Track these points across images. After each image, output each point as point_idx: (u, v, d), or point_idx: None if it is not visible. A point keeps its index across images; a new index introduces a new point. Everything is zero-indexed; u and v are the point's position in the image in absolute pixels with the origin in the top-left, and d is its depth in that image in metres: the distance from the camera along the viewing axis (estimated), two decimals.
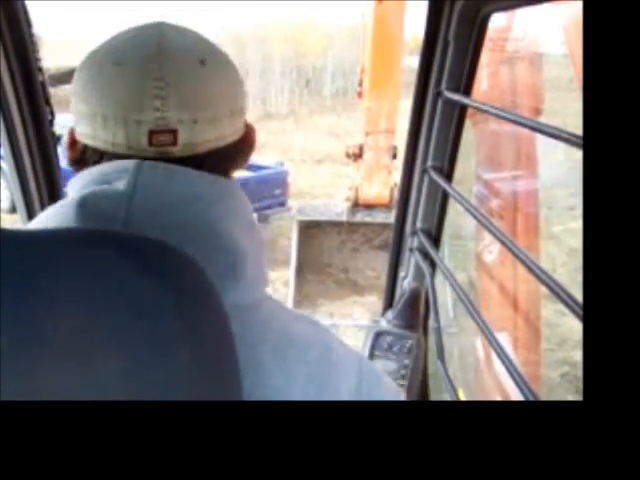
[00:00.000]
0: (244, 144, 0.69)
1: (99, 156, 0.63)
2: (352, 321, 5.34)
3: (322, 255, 6.44)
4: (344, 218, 6.26)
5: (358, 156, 5.99)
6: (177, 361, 0.36)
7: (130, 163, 0.59)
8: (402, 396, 0.73)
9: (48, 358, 0.32)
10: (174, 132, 0.61)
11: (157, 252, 0.39)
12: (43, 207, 1.48)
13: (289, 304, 5.97)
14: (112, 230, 0.41)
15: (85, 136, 0.64)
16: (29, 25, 1.36)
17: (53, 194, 1.51)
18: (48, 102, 1.46)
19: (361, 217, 6.21)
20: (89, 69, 0.64)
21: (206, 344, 0.38)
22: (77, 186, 0.61)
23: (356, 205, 6.16)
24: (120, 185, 0.58)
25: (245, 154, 0.69)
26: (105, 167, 0.61)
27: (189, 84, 0.61)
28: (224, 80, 0.65)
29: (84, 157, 0.65)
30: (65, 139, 0.69)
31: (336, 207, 6.42)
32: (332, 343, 0.67)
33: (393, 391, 0.72)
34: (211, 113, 0.63)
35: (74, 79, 0.65)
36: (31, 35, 1.38)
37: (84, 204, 0.57)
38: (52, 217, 0.59)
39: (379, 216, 6.03)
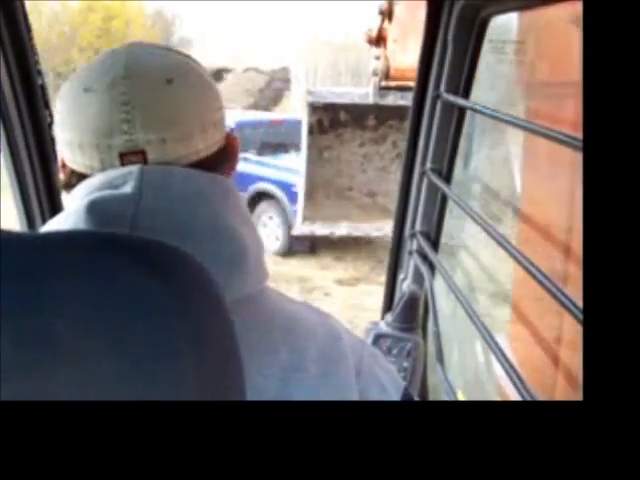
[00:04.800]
0: (224, 155, 0.70)
1: (83, 179, 0.65)
2: (375, 230, 4.53)
3: (340, 176, 4.94)
4: (370, 101, 4.69)
5: (387, 15, 4.49)
6: (181, 364, 0.36)
7: (134, 168, 0.62)
8: (396, 374, 0.78)
9: (52, 360, 0.32)
10: (143, 152, 0.63)
11: (162, 255, 0.39)
12: (42, 210, 1.48)
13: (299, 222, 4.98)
14: (118, 233, 0.41)
15: (69, 161, 0.68)
16: (28, 27, 1.36)
17: (52, 197, 1.51)
18: (47, 105, 1.46)
19: (393, 100, 4.65)
20: (64, 98, 0.67)
21: (210, 347, 0.38)
22: (82, 193, 0.63)
23: (386, 78, 4.57)
24: (127, 188, 0.60)
25: (228, 163, 0.71)
26: (109, 174, 0.63)
27: (155, 105, 0.64)
28: (192, 97, 0.67)
29: (71, 181, 0.67)
30: (58, 162, 0.72)
31: (360, 92, 4.89)
32: (335, 324, 0.73)
33: (390, 370, 0.78)
34: (180, 131, 0.64)
35: (55, 108, 0.68)
36: (30, 38, 1.38)
37: (93, 208, 0.59)
38: (62, 223, 0.61)
39: None
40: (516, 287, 1.53)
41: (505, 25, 1.46)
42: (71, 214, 0.61)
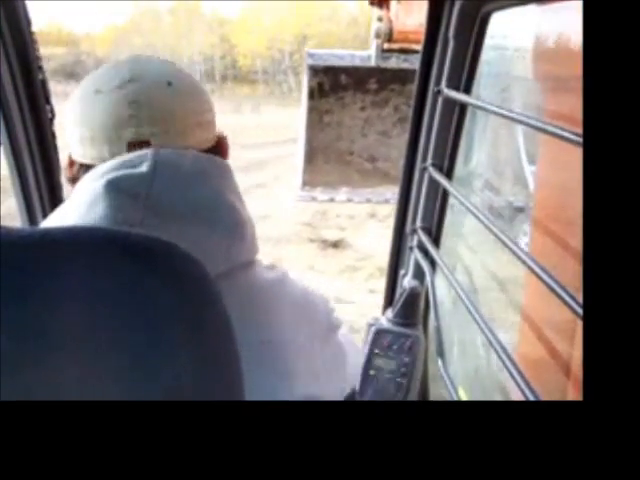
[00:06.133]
0: (216, 151, 0.81)
1: (89, 170, 0.73)
2: (377, 196, 4.42)
3: (341, 139, 4.78)
4: (372, 63, 4.50)
5: None
6: (179, 360, 0.36)
7: (148, 150, 0.71)
8: (348, 337, 1.06)
9: (52, 355, 0.33)
10: (148, 142, 0.73)
11: (161, 253, 0.39)
12: (43, 205, 1.48)
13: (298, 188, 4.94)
14: (119, 230, 0.41)
15: (78, 156, 0.77)
16: (29, 24, 1.37)
17: (53, 192, 1.51)
18: (48, 100, 1.46)
19: (395, 63, 4.47)
20: (76, 100, 0.77)
21: (208, 344, 0.38)
22: (98, 174, 0.70)
23: (389, 41, 4.37)
24: (143, 167, 0.69)
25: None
26: (125, 157, 0.71)
27: (159, 103, 0.75)
28: (189, 97, 0.78)
29: (79, 175, 0.76)
30: (64, 162, 0.81)
31: (362, 54, 4.73)
32: (308, 289, 0.91)
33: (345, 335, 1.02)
34: (180, 125, 0.75)
35: (67, 109, 0.78)
36: (31, 34, 1.38)
37: (111, 185, 0.68)
38: (83, 198, 0.69)
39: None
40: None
41: None
42: (89, 193, 0.68)
